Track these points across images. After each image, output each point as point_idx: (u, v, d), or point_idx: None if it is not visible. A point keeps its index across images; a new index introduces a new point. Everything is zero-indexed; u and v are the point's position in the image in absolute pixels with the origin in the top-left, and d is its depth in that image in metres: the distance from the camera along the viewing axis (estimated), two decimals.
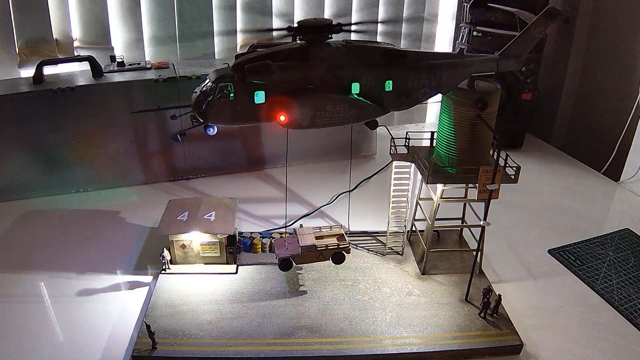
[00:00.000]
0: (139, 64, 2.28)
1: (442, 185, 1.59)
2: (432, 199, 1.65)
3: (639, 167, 2.38)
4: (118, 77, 2.15)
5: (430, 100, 1.51)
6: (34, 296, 1.61)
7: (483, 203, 1.47)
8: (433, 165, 1.57)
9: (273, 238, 1.79)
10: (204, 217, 1.68)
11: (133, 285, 1.66)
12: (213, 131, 1.34)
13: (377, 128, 1.50)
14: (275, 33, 1.36)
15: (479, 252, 1.61)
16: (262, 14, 2.62)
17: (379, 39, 2.68)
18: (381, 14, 2.87)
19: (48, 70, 2.12)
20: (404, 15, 2.91)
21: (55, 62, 2.18)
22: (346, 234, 1.66)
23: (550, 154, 2.81)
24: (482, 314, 1.51)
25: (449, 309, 1.54)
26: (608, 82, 2.78)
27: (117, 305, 1.56)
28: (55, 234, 1.92)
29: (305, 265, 1.67)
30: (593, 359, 1.41)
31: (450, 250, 1.83)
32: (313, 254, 1.58)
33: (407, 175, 1.67)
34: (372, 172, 2.45)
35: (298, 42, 1.35)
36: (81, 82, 2.08)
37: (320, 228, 1.66)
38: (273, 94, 1.29)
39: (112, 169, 2.22)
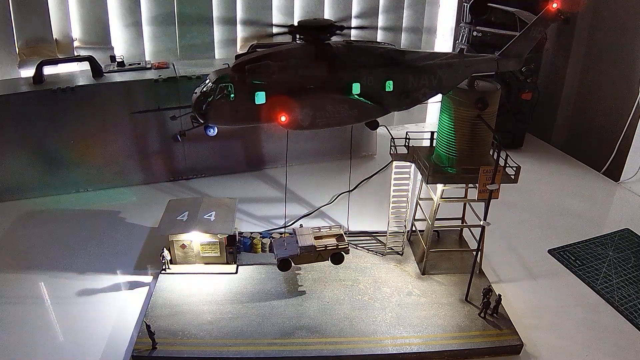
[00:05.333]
0: (139, 64, 2.28)
1: (442, 185, 1.59)
2: (432, 199, 1.65)
3: (639, 167, 2.38)
4: (118, 77, 2.15)
5: (430, 100, 1.51)
6: (35, 296, 1.61)
7: (483, 203, 1.48)
8: (433, 165, 1.57)
9: (273, 238, 1.79)
10: (204, 217, 1.68)
11: (133, 285, 1.66)
12: (213, 132, 1.34)
13: (377, 128, 1.50)
14: (275, 31, 1.36)
15: (479, 252, 1.61)
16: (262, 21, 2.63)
17: (379, 38, 2.68)
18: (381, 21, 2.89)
19: (48, 70, 2.12)
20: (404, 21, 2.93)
21: (55, 62, 2.18)
22: (346, 234, 1.66)
23: (550, 154, 2.81)
24: (482, 314, 1.51)
25: (449, 309, 1.54)
26: (608, 82, 2.78)
27: (117, 305, 1.56)
28: (55, 234, 1.91)
29: (305, 265, 1.67)
30: (593, 359, 1.42)
31: (450, 250, 1.83)
32: (312, 254, 1.58)
33: (407, 175, 1.67)
34: (372, 172, 2.45)
35: (298, 42, 1.35)
36: (81, 82, 2.08)
37: (319, 228, 1.66)
38: (273, 94, 1.29)
39: (112, 169, 2.22)
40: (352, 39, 1.49)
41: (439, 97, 1.53)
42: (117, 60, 2.27)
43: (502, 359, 1.41)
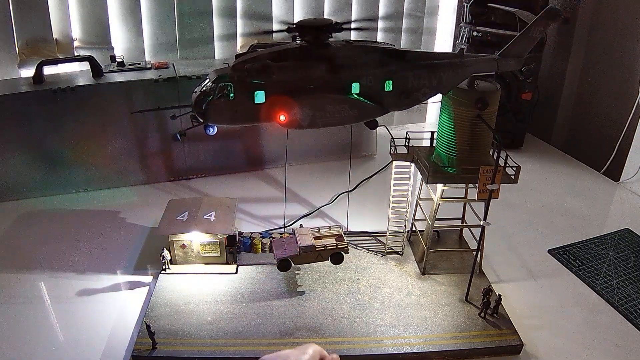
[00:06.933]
0: (139, 64, 2.28)
1: (442, 185, 1.59)
2: (432, 199, 1.65)
3: (639, 167, 2.38)
4: (118, 77, 2.15)
5: (430, 100, 1.51)
6: (34, 296, 1.61)
7: (483, 203, 1.47)
8: (433, 165, 1.57)
9: (273, 238, 1.79)
10: (204, 217, 1.68)
11: (133, 285, 1.65)
12: (213, 131, 1.34)
13: (377, 128, 1.50)
14: (275, 29, 1.36)
15: (479, 252, 1.61)
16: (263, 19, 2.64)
17: (379, 38, 2.68)
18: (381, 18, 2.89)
19: (48, 70, 2.12)
20: (404, 21, 2.92)
21: (55, 62, 2.18)
22: (345, 234, 1.66)
23: (550, 154, 2.81)
24: (482, 314, 1.51)
25: (449, 309, 1.54)
26: (608, 82, 2.78)
27: (117, 305, 1.56)
28: (55, 234, 1.91)
29: (305, 265, 1.67)
30: (593, 359, 1.42)
31: (450, 250, 1.83)
32: (311, 254, 1.58)
33: (407, 175, 1.67)
34: (372, 172, 2.45)
35: (298, 42, 1.35)
36: (81, 82, 2.08)
37: (318, 228, 1.66)
38: (273, 94, 1.29)
39: (112, 169, 2.22)
40: (352, 38, 1.49)
41: (439, 97, 1.53)
42: (117, 60, 2.27)
43: (502, 359, 1.41)
